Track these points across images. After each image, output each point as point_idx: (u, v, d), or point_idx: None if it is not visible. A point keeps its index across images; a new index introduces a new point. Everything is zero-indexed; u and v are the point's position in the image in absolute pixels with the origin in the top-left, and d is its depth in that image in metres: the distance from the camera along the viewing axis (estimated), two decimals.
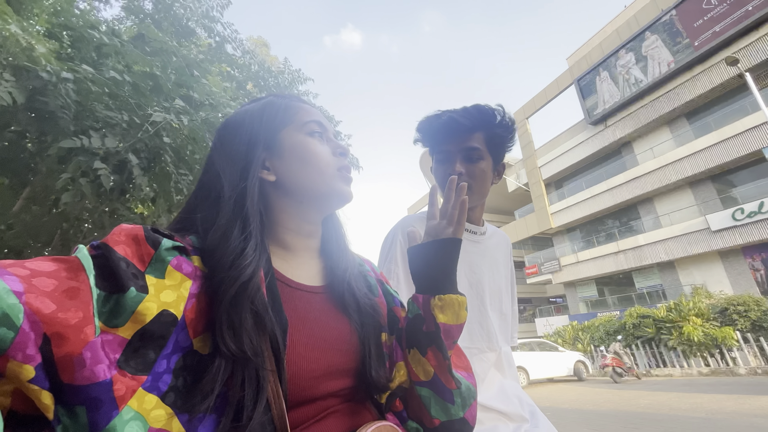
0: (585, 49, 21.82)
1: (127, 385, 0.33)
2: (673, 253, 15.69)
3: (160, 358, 0.37)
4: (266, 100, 0.58)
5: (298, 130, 0.56)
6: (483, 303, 0.98)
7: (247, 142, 0.53)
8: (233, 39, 5.16)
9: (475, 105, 0.95)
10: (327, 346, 0.49)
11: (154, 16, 4.64)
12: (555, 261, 20.98)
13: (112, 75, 2.70)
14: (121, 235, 0.39)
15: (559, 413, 6.53)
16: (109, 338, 0.34)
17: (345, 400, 0.50)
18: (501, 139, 0.97)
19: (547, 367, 12.18)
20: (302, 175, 0.54)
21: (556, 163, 21.41)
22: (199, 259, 0.44)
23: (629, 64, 17.64)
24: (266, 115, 0.56)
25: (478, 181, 0.95)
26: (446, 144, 0.96)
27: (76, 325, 0.31)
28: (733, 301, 11.90)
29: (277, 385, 0.41)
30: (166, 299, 0.38)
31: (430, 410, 0.55)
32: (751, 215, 13.27)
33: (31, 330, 0.29)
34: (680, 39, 15.63)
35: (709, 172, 15.07)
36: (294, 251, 0.56)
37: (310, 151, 0.55)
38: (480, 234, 1.03)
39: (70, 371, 0.31)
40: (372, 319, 0.55)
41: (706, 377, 10.91)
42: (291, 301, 0.49)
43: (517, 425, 0.88)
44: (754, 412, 5.33)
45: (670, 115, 16.48)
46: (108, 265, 0.36)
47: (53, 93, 2.37)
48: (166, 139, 2.84)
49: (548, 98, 22.33)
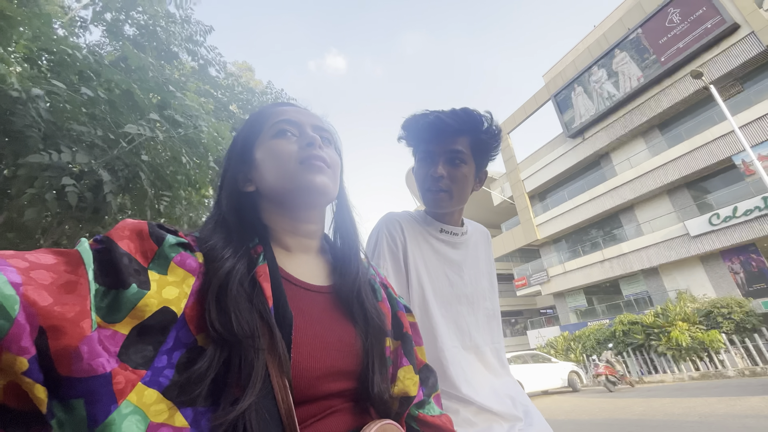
0: (560, 66, 22.74)
1: (127, 378, 0.33)
2: (656, 260, 16.02)
3: (160, 354, 0.36)
4: (250, 117, 0.61)
5: (267, 136, 0.57)
6: (460, 303, 0.97)
7: (231, 158, 0.58)
8: (217, 62, 5.22)
9: (463, 108, 0.93)
10: (329, 346, 0.48)
11: (138, 40, 4.66)
12: (543, 272, 21.15)
13: (83, 92, 2.66)
14: (125, 230, 0.39)
15: (555, 425, 6.43)
16: (106, 333, 0.33)
17: (348, 399, 0.50)
18: (486, 145, 0.95)
19: (542, 380, 12.07)
20: (270, 177, 0.55)
21: (538, 175, 21.89)
22: (203, 255, 0.44)
23: (602, 80, 18.42)
24: (245, 130, 0.59)
25: (458, 185, 0.93)
26: (430, 144, 0.94)
27: (72, 319, 0.31)
28: (717, 303, 12.16)
29: (283, 380, 0.41)
30: (167, 296, 0.38)
31: None
32: (727, 220, 13.71)
33: (27, 322, 0.29)
34: (647, 55, 16.46)
35: (684, 179, 15.61)
36: (295, 252, 0.57)
37: (272, 152, 0.55)
38: (461, 235, 1.03)
39: (68, 364, 0.30)
40: (377, 324, 0.55)
41: (696, 381, 11.00)
42: (295, 299, 0.49)
43: (511, 424, 0.87)
44: (746, 413, 5.38)
45: (643, 127, 17.14)
46: (110, 260, 0.36)
47: (21, 112, 2.32)
48: (145, 157, 2.80)
49: (527, 113, 23.02)
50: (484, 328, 1.00)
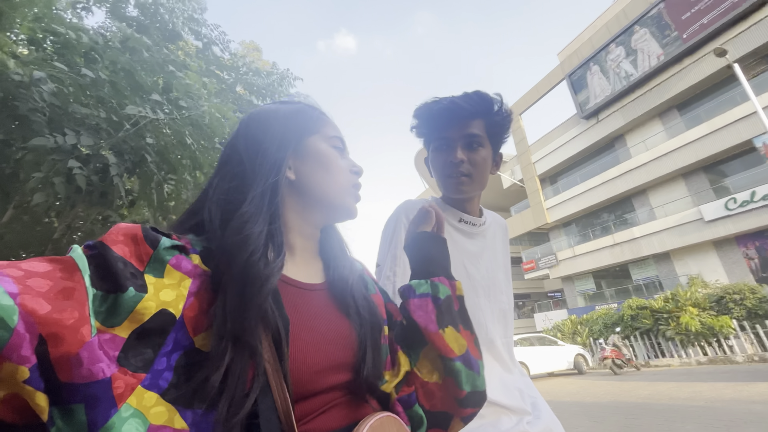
0: (575, 44, 21.92)
1: (126, 382, 0.33)
2: (668, 244, 15.79)
3: (159, 356, 0.36)
4: (298, 106, 0.61)
5: (324, 141, 0.59)
6: (478, 295, 0.96)
7: (279, 139, 0.55)
8: (221, 40, 5.13)
9: (475, 91, 0.92)
10: (327, 340, 0.50)
11: (141, 21, 4.60)
12: (552, 256, 21.05)
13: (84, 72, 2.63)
14: (119, 235, 0.39)
15: (560, 406, 6.54)
16: (106, 338, 0.33)
17: (347, 393, 0.51)
18: (500, 127, 0.95)
19: (548, 362, 12.22)
20: (321, 181, 0.57)
21: (550, 158, 21.49)
22: (198, 257, 0.44)
23: (619, 58, 17.74)
24: (299, 119, 0.59)
25: (479, 169, 0.93)
26: (446, 130, 0.93)
27: (72, 326, 0.31)
28: (729, 289, 12.01)
29: (280, 379, 0.42)
30: (165, 298, 0.38)
31: (461, 383, 0.57)
32: (744, 204, 13.38)
33: (27, 331, 0.29)
34: (669, 32, 15.74)
35: (701, 162, 15.18)
36: (294, 250, 0.57)
37: (333, 162, 0.58)
38: (480, 225, 1.01)
39: (68, 370, 0.31)
40: (371, 315, 0.56)
41: (704, 366, 10.99)
42: (291, 298, 0.50)
43: (520, 417, 0.87)
44: (752, 398, 5.37)
45: (661, 108, 16.59)
46: (105, 265, 0.36)
47: (24, 96, 2.32)
48: (150, 140, 2.80)
49: (540, 94, 22.41)
50: (499, 322, 0.99)
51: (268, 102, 0.79)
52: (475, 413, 0.60)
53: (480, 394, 0.59)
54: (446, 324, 0.60)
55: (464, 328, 0.62)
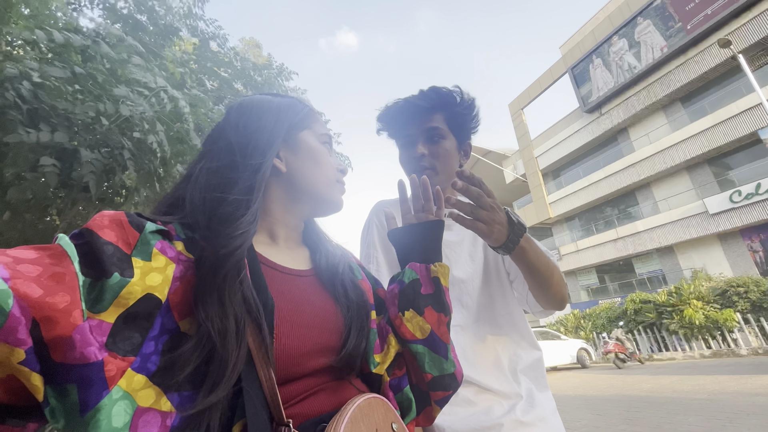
0: (577, 37, 21.71)
1: (117, 366, 0.34)
2: (671, 238, 15.70)
3: (148, 340, 0.37)
4: (291, 100, 0.63)
5: (316, 137, 0.62)
6: (464, 282, 0.95)
7: (271, 127, 0.57)
8: (218, 36, 5.09)
9: (431, 87, 0.95)
10: (313, 324, 0.50)
11: (138, 18, 4.58)
12: (555, 250, 20.99)
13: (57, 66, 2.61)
14: (104, 220, 0.39)
15: (563, 400, 6.54)
16: (94, 323, 0.34)
17: (334, 377, 0.51)
18: (463, 118, 0.97)
19: (551, 356, 12.21)
20: (311, 174, 0.59)
21: (552, 152, 21.37)
22: (182, 244, 0.44)
23: (622, 51, 17.56)
24: (291, 111, 0.60)
25: (441, 160, 0.94)
26: (407, 128, 0.97)
27: (64, 309, 0.31)
28: (733, 282, 11.92)
29: (266, 361, 0.42)
30: (151, 282, 0.38)
31: (424, 366, 0.59)
32: (749, 197, 13.27)
33: (21, 315, 0.30)
34: (672, 23, 15.55)
35: (705, 155, 15.04)
36: (278, 240, 0.58)
37: (324, 158, 0.62)
38: None
39: (62, 351, 0.31)
40: (358, 299, 0.58)
41: (708, 359, 10.95)
42: (276, 283, 0.50)
43: (512, 403, 0.86)
44: (756, 391, 5.35)
45: (664, 100, 16.43)
46: (92, 252, 0.36)
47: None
48: (137, 134, 2.78)
49: (542, 88, 22.24)
50: (489, 303, 0.98)
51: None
52: (449, 396, 0.61)
53: (449, 377, 0.60)
54: (406, 307, 0.61)
55: (436, 311, 0.61)
